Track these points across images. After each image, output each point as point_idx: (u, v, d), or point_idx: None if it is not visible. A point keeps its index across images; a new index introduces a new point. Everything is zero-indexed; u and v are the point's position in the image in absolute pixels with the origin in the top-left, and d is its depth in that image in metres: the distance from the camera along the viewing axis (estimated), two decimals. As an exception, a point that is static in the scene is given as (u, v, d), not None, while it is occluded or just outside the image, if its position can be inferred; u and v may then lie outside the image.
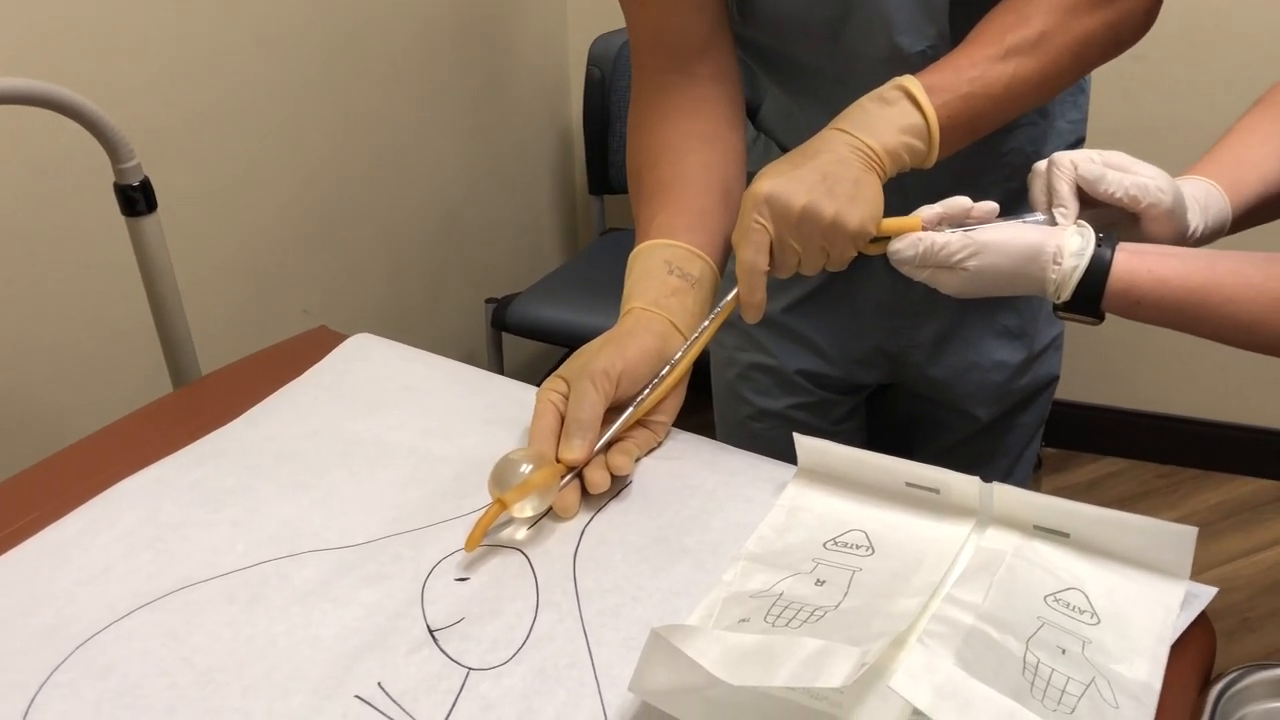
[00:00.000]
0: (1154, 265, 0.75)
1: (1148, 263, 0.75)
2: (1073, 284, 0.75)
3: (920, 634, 0.59)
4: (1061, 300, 0.77)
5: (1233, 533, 2.17)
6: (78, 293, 1.43)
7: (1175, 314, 0.75)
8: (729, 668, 0.56)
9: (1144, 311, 0.76)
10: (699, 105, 0.93)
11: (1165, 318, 0.76)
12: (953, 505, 0.72)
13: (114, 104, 1.01)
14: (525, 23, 2.29)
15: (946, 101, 0.82)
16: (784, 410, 1.15)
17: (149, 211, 1.02)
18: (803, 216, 0.79)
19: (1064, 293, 0.76)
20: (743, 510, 0.76)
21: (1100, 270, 0.75)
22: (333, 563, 0.72)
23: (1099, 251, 0.75)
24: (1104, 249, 0.75)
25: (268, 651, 0.66)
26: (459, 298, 2.21)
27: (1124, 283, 0.75)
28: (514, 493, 0.72)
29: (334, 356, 0.96)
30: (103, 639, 0.67)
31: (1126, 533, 0.66)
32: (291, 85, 1.71)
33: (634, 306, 0.86)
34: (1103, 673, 0.60)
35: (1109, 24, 0.86)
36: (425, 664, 0.64)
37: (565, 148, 2.48)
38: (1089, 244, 0.76)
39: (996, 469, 1.18)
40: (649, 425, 0.83)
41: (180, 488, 0.80)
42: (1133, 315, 0.77)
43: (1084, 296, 0.76)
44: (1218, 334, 0.75)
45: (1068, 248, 0.76)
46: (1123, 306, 0.76)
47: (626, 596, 0.69)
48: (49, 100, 0.94)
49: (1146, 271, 0.75)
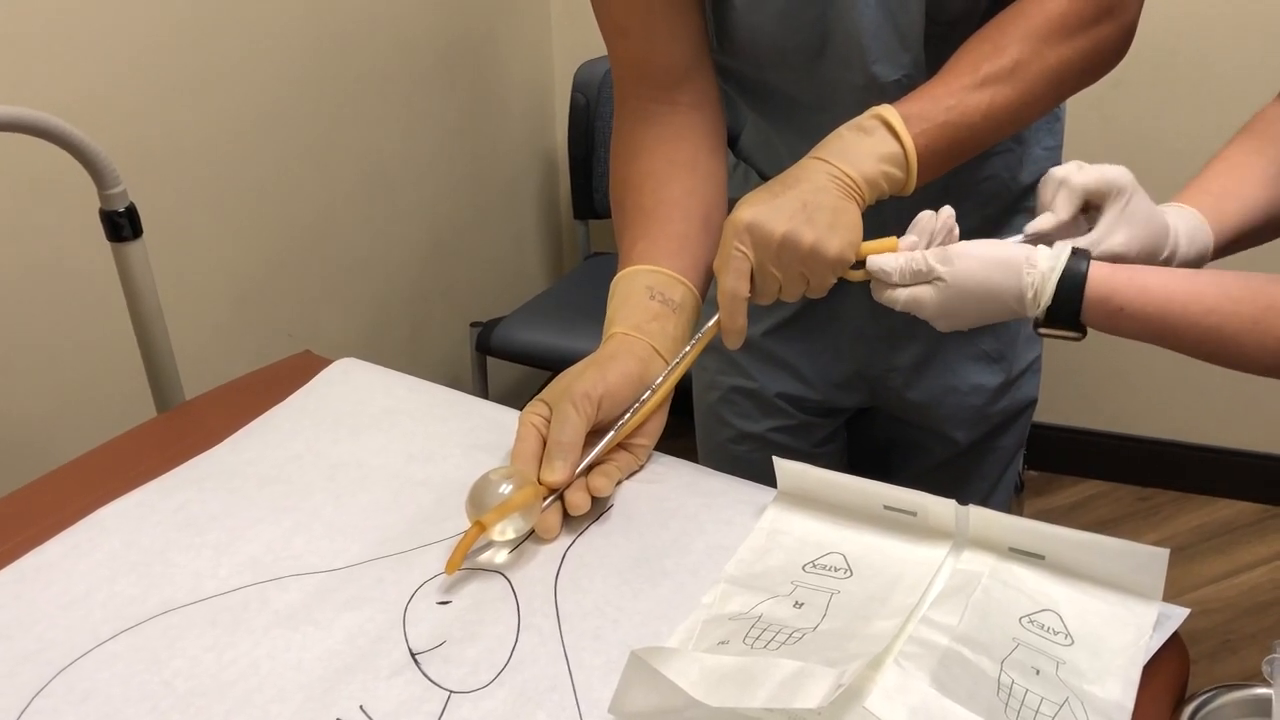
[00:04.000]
0: (1134, 274, 0.75)
1: (1127, 271, 0.76)
2: (1049, 289, 0.76)
3: (896, 655, 0.60)
4: (1041, 308, 0.77)
5: (1213, 555, 2.19)
6: (62, 317, 1.43)
7: (1158, 324, 0.75)
8: (708, 689, 0.56)
9: (1125, 322, 0.76)
10: (680, 133, 0.95)
11: (1147, 329, 0.76)
12: (930, 528, 0.73)
13: (98, 129, 1.02)
14: (510, 49, 2.31)
15: (924, 130, 0.83)
16: (765, 433, 1.16)
17: (135, 237, 1.03)
18: (783, 244, 0.80)
19: (1043, 298, 0.76)
20: (723, 533, 0.77)
21: (1077, 278, 0.75)
22: (315, 586, 0.72)
23: (1074, 260, 0.76)
24: (1079, 259, 0.76)
25: (249, 675, 0.66)
26: (444, 321, 2.22)
27: (1104, 289, 0.75)
28: (493, 514, 0.72)
29: (318, 380, 0.96)
30: (84, 664, 0.67)
31: (1100, 555, 0.67)
32: (276, 110, 1.72)
33: (616, 331, 0.86)
34: (1076, 693, 0.61)
35: (1083, 52, 0.88)
36: (407, 687, 0.64)
37: (550, 173, 2.50)
38: (1063, 252, 0.77)
39: (976, 491, 1.18)
40: (630, 448, 0.84)
41: (163, 512, 0.80)
42: (1114, 326, 0.76)
43: (1063, 307, 0.76)
44: (1199, 348, 0.75)
45: (1042, 254, 0.77)
46: (1104, 316, 0.76)
47: (607, 619, 0.69)
48: (35, 127, 0.95)
49: (1127, 279, 0.75)
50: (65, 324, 1.43)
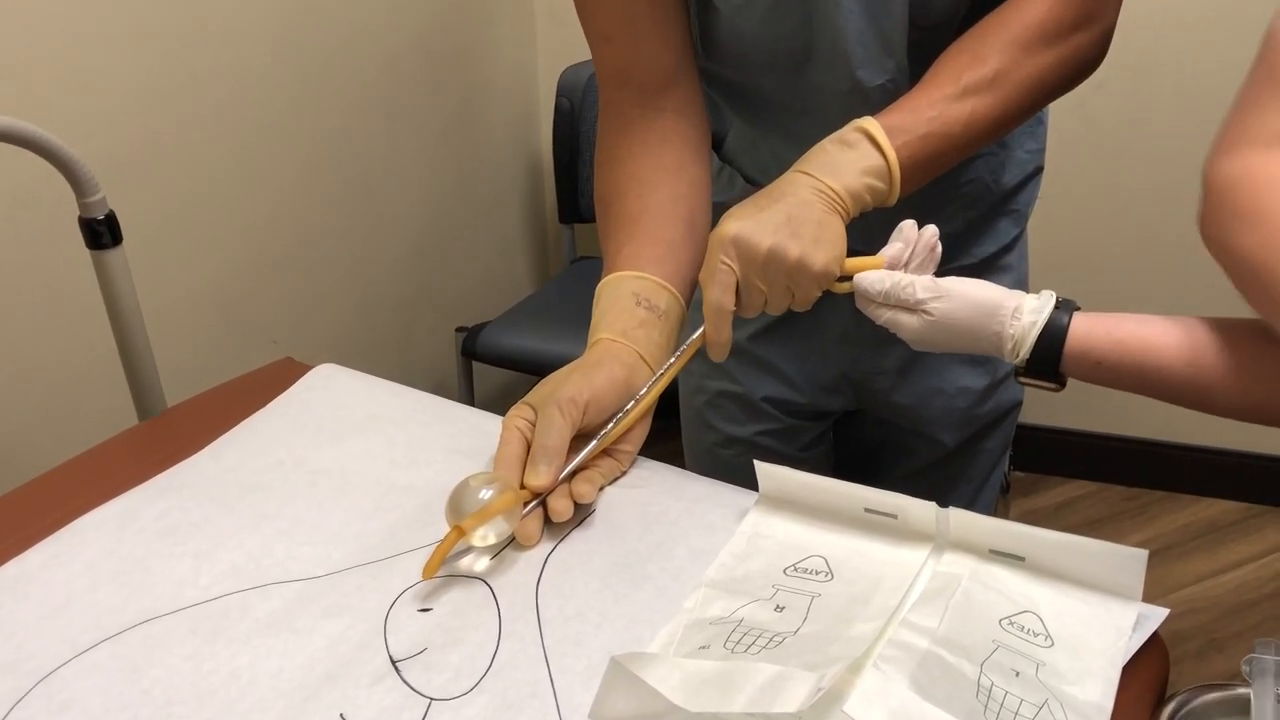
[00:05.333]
0: (1113, 328, 0.77)
1: (1106, 325, 0.77)
2: (1030, 341, 0.77)
3: (876, 659, 0.60)
4: (1020, 359, 0.78)
5: (1199, 554, 2.19)
6: (41, 325, 1.42)
7: (1135, 377, 0.77)
8: (688, 694, 0.56)
9: (1103, 374, 0.77)
10: (665, 138, 0.95)
11: (1125, 381, 0.78)
12: (910, 530, 0.73)
13: (77, 135, 1.02)
14: (495, 53, 2.31)
15: (906, 142, 0.84)
16: (751, 437, 1.16)
17: (114, 245, 1.02)
18: (768, 258, 0.80)
19: (1022, 350, 0.78)
20: (705, 537, 0.77)
21: (1058, 331, 0.77)
22: (296, 594, 0.72)
23: (1057, 313, 0.77)
24: (1062, 311, 0.77)
25: (230, 684, 0.66)
26: (429, 326, 2.21)
27: (1083, 345, 0.77)
28: (472, 519, 0.72)
29: (299, 386, 0.96)
30: (63, 674, 0.67)
31: (1079, 556, 0.68)
32: (259, 114, 1.71)
33: (602, 337, 0.86)
34: (1056, 695, 0.61)
35: (1063, 59, 0.88)
36: (387, 694, 0.64)
37: (535, 177, 2.50)
38: (1048, 304, 0.78)
39: (963, 493, 1.19)
40: (614, 454, 0.84)
41: (144, 520, 0.80)
42: (1093, 378, 0.78)
43: (1043, 358, 0.78)
44: (1179, 399, 0.77)
45: (1027, 305, 0.78)
46: (1083, 368, 0.78)
47: (589, 624, 0.69)
48: (11, 135, 0.94)
49: (1105, 334, 0.77)
50: (45, 332, 1.43)
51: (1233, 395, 0.75)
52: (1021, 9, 0.87)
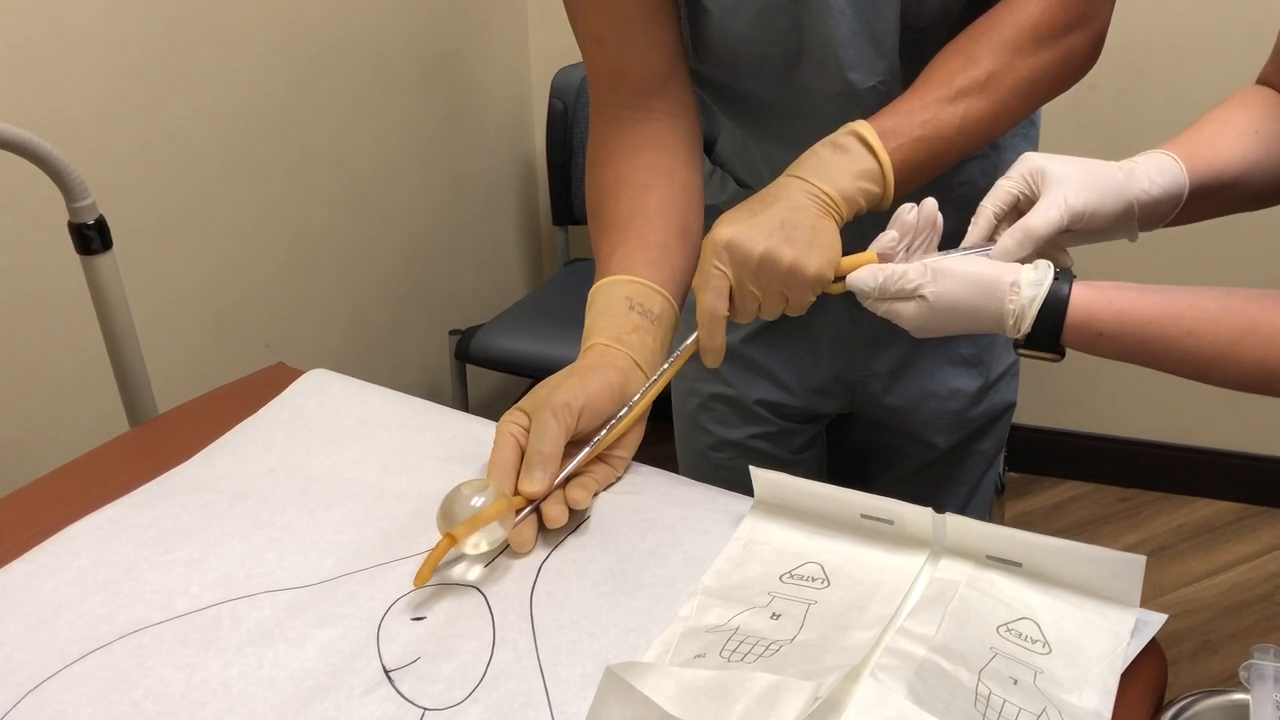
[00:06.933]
0: (1114, 297, 0.76)
1: (1107, 295, 0.76)
2: (1031, 315, 0.76)
3: (873, 667, 0.60)
4: (1021, 334, 0.77)
5: (1194, 554, 2.20)
6: (32, 330, 1.41)
7: (1137, 347, 0.76)
8: (683, 705, 0.56)
9: (1105, 345, 0.76)
10: (657, 141, 0.94)
11: (1126, 351, 0.76)
12: (907, 536, 0.72)
13: (66, 139, 1.01)
14: (487, 55, 2.30)
15: (900, 145, 0.84)
16: (744, 440, 1.16)
17: (104, 250, 1.02)
18: (761, 263, 0.80)
19: (1023, 325, 0.77)
20: (700, 544, 0.76)
21: (1059, 302, 0.76)
22: (287, 603, 0.72)
23: (1056, 284, 0.76)
24: (1061, 282, 0.77)
25: (220, 694, 0.65)
26: (423, 329, 2.21)
27: (1084, 315, 0.76)
28: (464, 526, 0.71)
29: (291, 392, 0.95)
30: (52, 685, 0.66)
31: (1077, 562, 0.67)
32: (249, 118, 1.71)
33: (596, 342, 0.86)
34: (1054, 702, 0.60)
35: (1055, 61, 0.88)
36: (380, 704, 0.64)
37: (529, 179, 2.49)
38: (1047, 276, 0.77)
39: (956, 495, 1.19)
40: (608, 460, 0.83)
41: (134, 528, 0.79)
42: (1094, 349, 0.77)
43: (1044, 330, 0.76)
44: (1179, 369, 0.76)
45: (1025, 278, 0.77)
46: (1084, 340, 0.77)
47: (583, 633, 0.68)
48: (1, 140, 0.93)
49: (1106, 303, 0.76)
50: (36, 338, 1.42)
51: (1229, 366, 0.74)
52: (1014, 10, 0.86)
